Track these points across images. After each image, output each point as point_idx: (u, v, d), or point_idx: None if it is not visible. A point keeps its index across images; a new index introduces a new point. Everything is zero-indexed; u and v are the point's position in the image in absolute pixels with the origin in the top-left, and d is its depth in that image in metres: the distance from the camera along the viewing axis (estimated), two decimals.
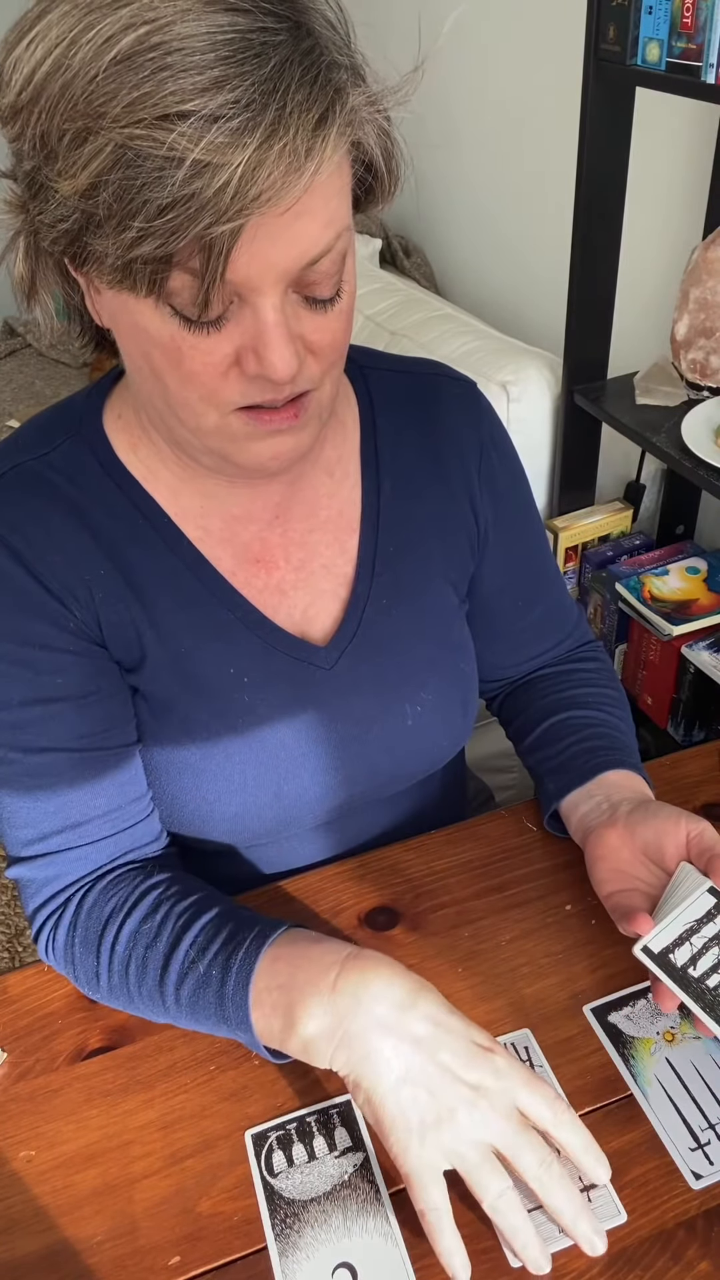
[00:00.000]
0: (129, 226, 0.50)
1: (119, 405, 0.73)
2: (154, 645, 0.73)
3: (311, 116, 0.50)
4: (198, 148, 0.48)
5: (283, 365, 0.57)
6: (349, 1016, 0.60)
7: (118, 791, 0.74)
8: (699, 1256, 0.59)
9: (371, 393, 0.81)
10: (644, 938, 0.65)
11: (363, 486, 0.79)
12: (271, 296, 0.55)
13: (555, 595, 0.93)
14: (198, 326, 0.56)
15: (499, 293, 2.13)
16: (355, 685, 0.78)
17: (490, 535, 0.84)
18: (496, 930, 0.78)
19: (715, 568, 1.52)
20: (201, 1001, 0.67)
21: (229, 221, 0.50)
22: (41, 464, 0.71)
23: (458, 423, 0.82)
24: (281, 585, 0.76)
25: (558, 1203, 0.58)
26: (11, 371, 2.85)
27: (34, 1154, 0.66)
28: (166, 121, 0.48)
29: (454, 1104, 0.58)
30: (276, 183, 0.50)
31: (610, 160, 1.35)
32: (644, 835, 0.72)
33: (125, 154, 0.49)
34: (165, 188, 0.49)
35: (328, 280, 0.58)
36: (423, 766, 0.85)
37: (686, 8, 1.08)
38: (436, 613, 0.82)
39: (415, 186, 2.29)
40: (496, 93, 1.90)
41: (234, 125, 0.48)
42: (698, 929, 0.66)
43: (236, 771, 0.76)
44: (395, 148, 0.60)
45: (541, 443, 1.62)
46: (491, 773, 1.46)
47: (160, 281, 0.53)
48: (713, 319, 1.29)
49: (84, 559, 0.70)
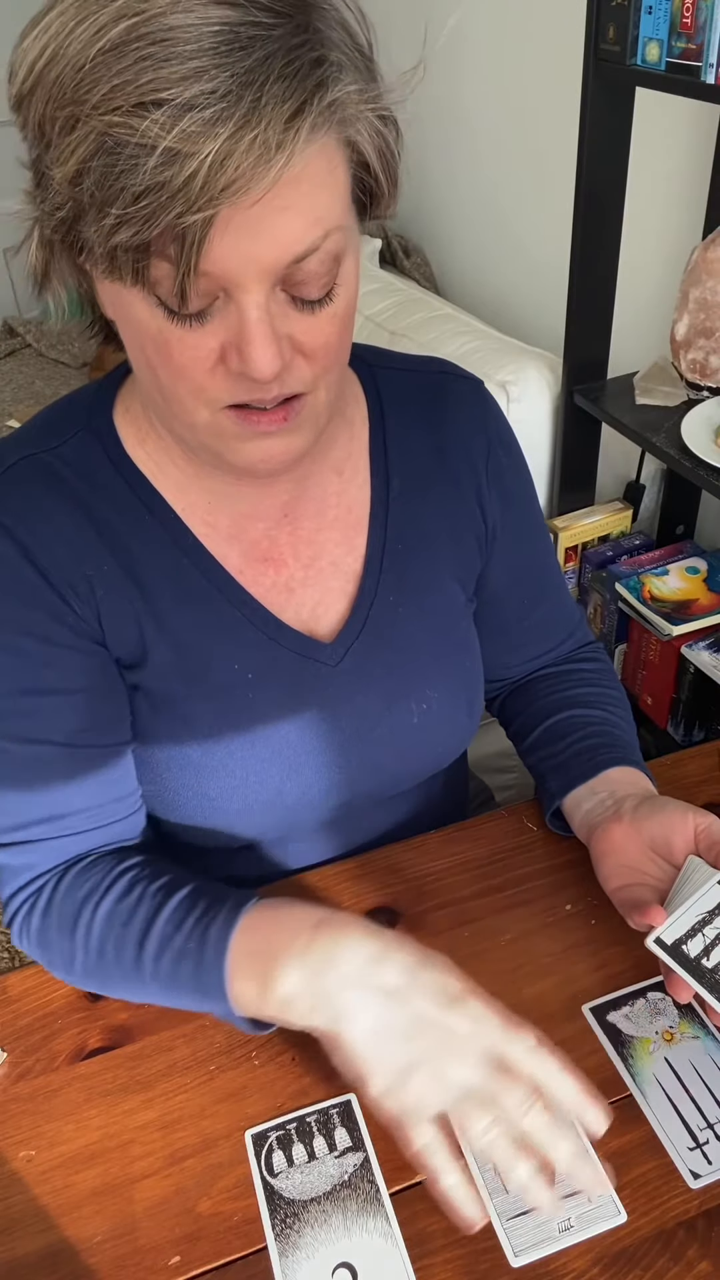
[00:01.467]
0: (108, 213, 0.51)
1: (128, 399, 0.73)
2: (157, 640, 0.73)
3: (286, 109, 0.50)
4: (169, 135, 0.48)
5: (262, 363, 0.56)
6: (322, 974, 0.61)
7: (102, 789, 0.74)
8: (699, 1256, 0.59)
9: (380, 391, 0.81)
10: (656, 929, 0.66)
11: (372, 484, 0.79)
12: (255, 293, 0.55)
13: (558, 595, 0.93)
14: (182, 319, 0.56)
15: (499, 293, 2.13)
16: (361, 682, 0.78)
17: (498, 533, 0.85)
18: (496, 930, 0.78)
19: (715, 568, 1.52)
20: (179, 974, 0.67)
21: (199, 211, 0.50)
22: (52, 456, 0.71)
23: (465, 421, 0.82)
24: (289, 583, 0.77)
25: (545, 1140, 0.57)
26: (11, 371, 2.85)
27: (34, 1154, 0.67)
28: (142, 109, 0.49)
29: (430, 1047, 0.58)
30: (245, 173, 0.50)
31: (610, 160, 1.35)
32: (651, 830, 0.72)
33: (105, 141, 0.50)
34: (138, 175, 0.49)
35: (316, 280, 0.57)
36: (427, 766, 0.85)
37: (686, 8, 1.08)
38: (444, 611, 0.82)
39: (415, 186, 2.29)
40: (497, 92, 1.90)
41: (207, 115, 0.48)
42: (710, 920, 0.66)
43: (238, 767, 0.76)
44: (391, 148, 0.59)
45: (541, 443, 1.62)
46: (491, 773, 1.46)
47: (142, 270, 0.54)
48: (713, 319, 1.29)
49: (88, 553, 0.70)
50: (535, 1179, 0.57)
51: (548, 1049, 0.59)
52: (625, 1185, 0.62)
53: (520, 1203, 0.62)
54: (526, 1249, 0.60)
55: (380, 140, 0.58)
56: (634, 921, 0.69)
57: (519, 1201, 0.62)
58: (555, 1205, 0.58)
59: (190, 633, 0.73)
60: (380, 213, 0.63)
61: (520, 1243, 0.60)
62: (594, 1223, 0.60)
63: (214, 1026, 0.73)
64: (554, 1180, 0.58)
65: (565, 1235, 0.60)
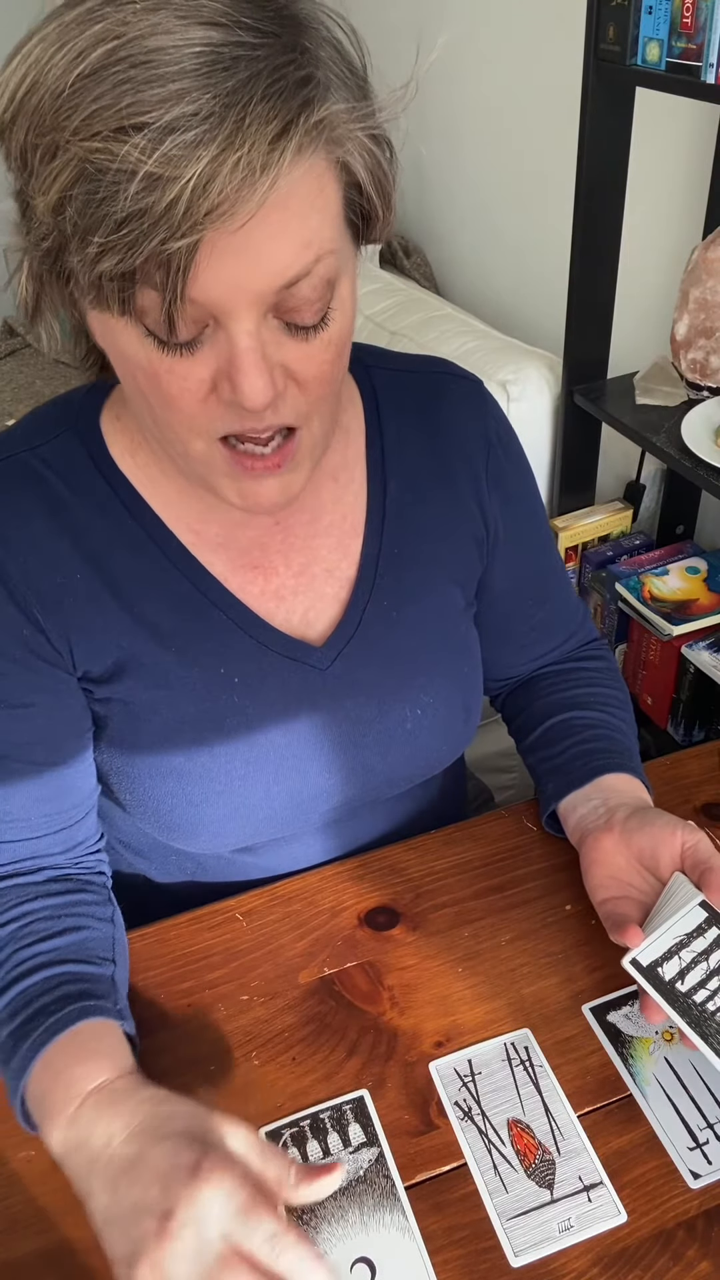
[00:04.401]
0: (90, 242, 0.50)
1: (118, 407, 0.72)
2: (137, 648, 0.72)
3: (270, 129, 0.48)
4: (150, 160, 0.47)
5: (254, 393, 0.55)
6: (72, 1154, 0.60)
7: (30, 804, 0.74)
8: (699, 1256, 0.59)
9: (377, 392, 0.80)
10: (633, 950, 0.65)
11: (368, 489, 0.78)
12: (245, 321, 0.53)
13: (562, 595, 0.93)
14: (171, 349, 0.55)
15: (499, 293, 2.13)
16: (353, 687, 0.78)
17: (499, 536, 0.84)
18: (496, 930, 0.78)
19: (715, 568, 1.52)
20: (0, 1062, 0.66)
21: (183, 237, 0.49)
22: (34, 456, 0.70)
23: (464, 422, 0.81)
24: (279, 591, 0.76)
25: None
26: (11, 371, 2.85)
27: (34, 1154, 0.66)
28: (122, 133, 0.48)
29: (142, 1238, 0.53)
30: (230, 197, 0.48)
31: (610, 160, 1.35)
32: (639, 843, 0.72)
33: (86, 168, 0.49)
34: (120, 201, 0.48)
35: (309, 306, 0.55)
36: (421, 771, 0.84)
37: (686, 8, 1.08)
38: (441, 615, 0.82)
39: (416, 187, 2.29)
40: (497, 92, 1.90)
41: (188, 138, 0.47)
42: (687, 943, 0.65)
43: (222, 772, 0.75)
44: (383, 168, 0.57)
45: (541, 443, 1.62)
46: (491, 773, 1.46)
47: (129, 300, 0.52)
48: (713, 319, 1.29)
49: (61, 563, 0.70)
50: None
51: (290, 1237, 0.52)
52: (625, 1185, 0.62)
53: (520, 1203, 0.62)
54: (526, 1249, 0.60)
55: (371, 160, 0.56)
56: (614, 938, 0.68)
57: (519, 1201, 0.62)
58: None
59: (174, 637, 0.73)
60: (375, 235, 0.61)
61: (520, 1243, 0.60)
62: (594, 1223, 0.61)
63: (213, 1028, 0.73)
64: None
65: (565, 1235, 0.60)
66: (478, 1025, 0.72)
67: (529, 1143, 0.65)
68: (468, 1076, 0.69)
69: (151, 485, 0.72)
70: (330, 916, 0.80)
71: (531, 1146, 0.65)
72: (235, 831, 0.78)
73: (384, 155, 0.57)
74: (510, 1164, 0.64)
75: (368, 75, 0.56)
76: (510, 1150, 0.64)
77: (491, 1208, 0.62)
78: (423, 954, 0.77)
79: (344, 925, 0.80)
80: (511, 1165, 0.64)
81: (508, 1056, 0.70)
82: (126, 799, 0.77)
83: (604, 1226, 0.60)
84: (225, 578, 0.74)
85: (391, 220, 0.60)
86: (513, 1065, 0.69)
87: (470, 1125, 0.66)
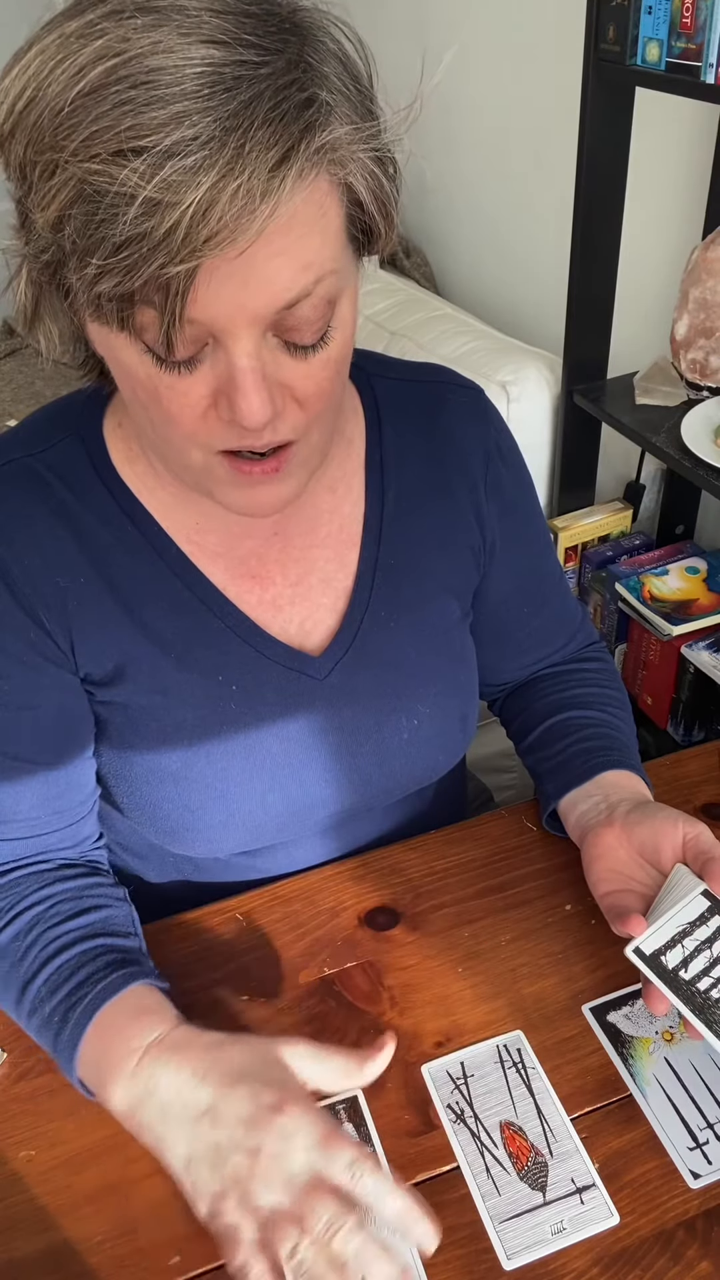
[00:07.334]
0: (89, 263, 0.50)
1: (119, 414, 0.72)
2: (137, 652, 0.72)
3: (271, 156, 0.48)
4: (149, 185, 0.46)
5: (252, 413, 0.55)
6: (140, 1106, 0.62)
7: (38, 803, 0.74)
8: (699, 1256, 0.59)
9: (378, 402, 0.79)
10: (636, 939, 0.65)
11: (366, 499, 0.78)
12: (245, 340, 0.53)
13: (560, 601, 0.93)
14: (170, 366, 0.54)
15: (499, 293, 2.13)
16: (349, 697, 0.78)
17: (496, 546, 0.84)
18: (496, 930, 0.78)
19: (715, 568, 1.52)
20: (44, 1039, 0.69)
21: (182, 262, 0.48)
22: (37, 461, 0.71)
23: (464, 433, 0.81)
24: (277, 600, 0.76)
25: (360, 1262, 0.54)
26: (11, 371, 2.85)
27: (34, 1154, 0.67)
28: (122, 156, 0.47)
29: (236, 1172, 0.57)
30: (229, 224, 0.48)
31: (610, 160, 1.35)
32: (641, 836, 0.72)
33: (85, 189, 0.48)
34: (118, 225, 0.47)
35: (309, 326, 0.55)
36: (418, 779, 0.84)
37: (686, 8, 1.08)
38: (437, 625, 0.81)
39: (416, 187, 2.29)
40: (496, 92, 1.90)
41: (189, 163, 0.46)
42: (690, 931, 0.66)
43: (218, 778, 0.75)
44: (386, 189, 0.57)
45: (541, 443, 1.62)
46: (491, 773, 1.46)
47: (127, 318, 0.52)
48: (713, 319, 1.29)
49: (64, 565, 0.70)
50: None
51: (369, 1164, 0.57)
52: (625, 1185, 0.62)
53: (513, 1205, 0.62)
54: (519, 1252, 0.60)
55: (374, 181, 0.55)
56: (616, 929, 0.68)
57: (511, 1204, 0.62)
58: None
59: (173, 643, 0.73)
60: (377, 250, 0.60)
61: (513, 1246, 0.60)
62: (587, 1225, 0.61)
63: (213, 1028, 0.73)
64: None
65: (558, 1238, 0.60)
66: (478, 1025, 0.72)
67: (521, 1145, 0.65)
68: (460, 1079, 0.69)
69: (149, 494, 0.72)
70: (330, 916, 0.80)
71: (524, 1149, 0.65)
72: (232, 837, 0.78)
73: (387, 174, 0.57)
74: (503, 1166, 0.64)
75: (374, 86, 0.55)
76: (503, 1153, 0.64)
77: (484, 1210, 0.62)
78: (423, 954, 0.77)
79: (344, 925, 0.80)
80: (504, 1168, 0.64)
81: (500, 1059, 0.70)
82: (124, 802, 0.77)
83: (597, 1229, 0.60)
84: (224, 586, 0.74)
85: (393, 236, 0.60)
86: (505, 1067, 0.69)
87: (463, 1128, 0.66)
